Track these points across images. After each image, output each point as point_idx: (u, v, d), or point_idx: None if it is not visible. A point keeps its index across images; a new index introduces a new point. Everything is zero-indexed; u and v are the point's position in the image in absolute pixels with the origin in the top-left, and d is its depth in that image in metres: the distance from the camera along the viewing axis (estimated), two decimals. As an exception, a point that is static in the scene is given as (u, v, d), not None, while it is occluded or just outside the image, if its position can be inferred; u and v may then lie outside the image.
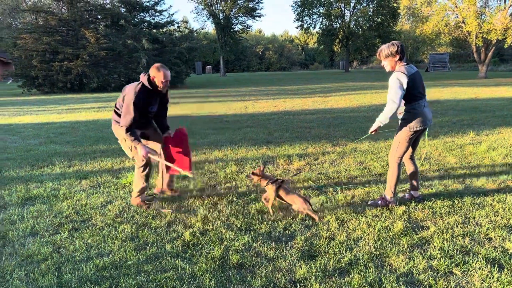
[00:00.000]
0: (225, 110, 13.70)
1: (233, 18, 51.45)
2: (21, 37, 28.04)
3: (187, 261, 3.20)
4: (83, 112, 14.77)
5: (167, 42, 29.76)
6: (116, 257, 3.27)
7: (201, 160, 6.59)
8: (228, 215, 4.13)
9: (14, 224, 4.05)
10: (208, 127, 10.13)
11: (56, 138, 9.21)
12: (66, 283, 2.89)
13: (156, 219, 4.09)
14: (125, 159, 6.85)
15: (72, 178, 5.74)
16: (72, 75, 26.37)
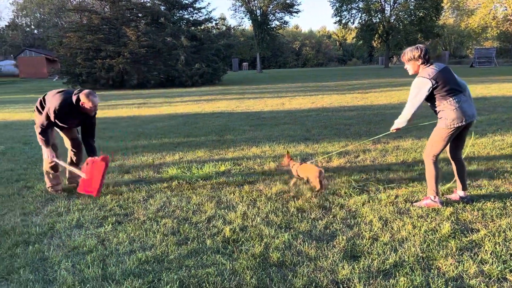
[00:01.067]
0: (262, 107, 13.68)
1: (270, 14, 51.32)
2: (66, 35, 29.22)
3: (228, 257, 3.20)
4: (124, 108, 15.18)
5: (205, 39, 30.09)
6: (158, 251, 3.31)
7: (239, 156, 6.59)
8: (267, 212, 4.10)
9: (61, 216, 4.19)
10: (245, 123, 10.14)
11: (99, 133, 9.38)
12: (110, 275, 2.96)
13: (196, 214, 4.12)
14: (165, 154, 6.97)
15: (115, 172, 5.89)
16: (113, 72, 27.20)
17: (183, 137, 8.59)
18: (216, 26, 34.34)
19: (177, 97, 19.72)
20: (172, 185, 5.15)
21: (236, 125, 9.94)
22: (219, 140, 8.06)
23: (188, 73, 28.18)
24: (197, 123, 10.57)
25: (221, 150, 7.10)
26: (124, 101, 18.45)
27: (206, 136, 8.54)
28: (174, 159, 6.60)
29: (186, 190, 4.92)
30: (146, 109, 14.66)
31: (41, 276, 2.99)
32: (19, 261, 3.22)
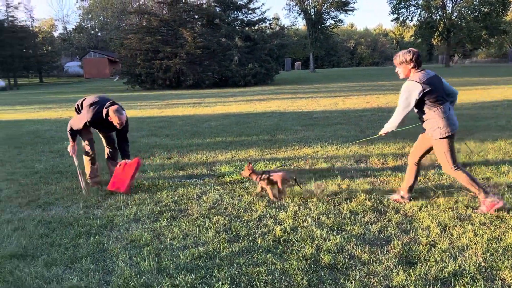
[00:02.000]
0: (314, 107, 13.54)
1: (324, 13, 50.65)
2: (127, 37, 30.62)
3: (278, 257, 3.19)
4: (180, 107, 15.64)
5: (258, 40, 30.30)
6: (210, 248, 3.37)
7: (290, 156, 6.57)
8: (319, 213, 4.05)
9: (120, 210, 4.40)
10: (297, 123, 10.09)
11: (156, 131, 9.87)
12: (164, 269, 3.05)
13: (247, 213, 4.16)
14: (218, 152, 7.10)
15: (170, 169, 6.09)
16: (170, 72, 28.12)
17: (235, 136, 8.70)
18: (270, 26, 34.43)
19: (230, 96, 20.02)
20: (225, 183, 5.23)
21: (288, 125, 9.92)
22: (270, 139, 8.08)
23: (241, 73, 28.51)
24: (249, 122, 10.66)
25: (273, 150, 7.12)
26: (180, 100, 19.01)
27: (258, 136, 8.59)
28: (227, 158, 6.70)
29: (238, 189, 4.97)
30: (200, 108, 15.01)
31: (101, 266, 3.15)
32: (81, 251, 3.41)
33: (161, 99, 20.00)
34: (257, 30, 32.32)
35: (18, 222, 4.14)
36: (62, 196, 4.96)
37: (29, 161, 7.04)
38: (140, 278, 2.92)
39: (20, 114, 15.43)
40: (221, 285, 2.78)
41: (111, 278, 2.95)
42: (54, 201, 4.79)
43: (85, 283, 2.90)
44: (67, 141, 8.72)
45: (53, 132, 10.28)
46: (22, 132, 10.45)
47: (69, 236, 3.73)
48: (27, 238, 3.71)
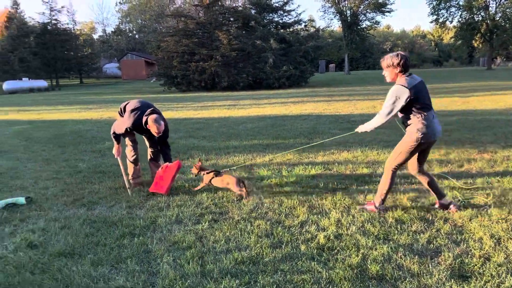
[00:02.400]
0: (351, 110, 13.31)
1: (361, 14, 49.86)
2: (164, 40, 31.24)
3: (323, 265, 3.12)
4: (215, 109, 15.77)
5: (293, 42, 30.17)
6: (253, 253, 3.34)
7: (329, 161, 6.46)
8: (363, 221, 3.94)
9: (162, 211, 4.44)
10: (334, 127, 9.94)
11: (193, 132, 9.97)
12: (208, 272, 3.04)
13: (288, 218, 4.10)
14: (255, 155, 7.08)
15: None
16: (206, 74, 28.44)
17: (271, 139, 8.66)
18: (305, 28, 34.20)
19: (264, 99, 20.01)
20: (264, 187, 5.20)
21: (325, 128, 9.79)
22: (308, 143, 7.98)
23: (275, 75, 28.47)
24: (285, 125, 10.60)
25: (311, 154, 7.03)
26: (215, 102, 19.18)
27: (295, 139, 8.51)
28: (264, 161, 6.67)
29: (278, 193, 4.93)
30: (236, 110, 15.07)
31: (145, 267, 3.18)
32: (126, 252, 3.45)
33: (197, 101, 20.25)
34: (292, 32, 32.19)
35: (64, 220, 4.25)
36: (105, 195, 5.07)
37: (73, 160, 7.25)
38: (185, 281, 2.92)
39: (63, 114, 16.00)
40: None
41: (157, 280, 2.97)
42: (98, 200, 4.90)
43: (131, 284, 2.93)
44: (108, 141, 8.99)
45: (95, 132, 10.58)
46: (65, 132, 10.81)
47: (114, 236, 3.79)
48: (74, 237, 3.80)
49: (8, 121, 14.26)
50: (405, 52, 3.99)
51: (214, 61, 28.08)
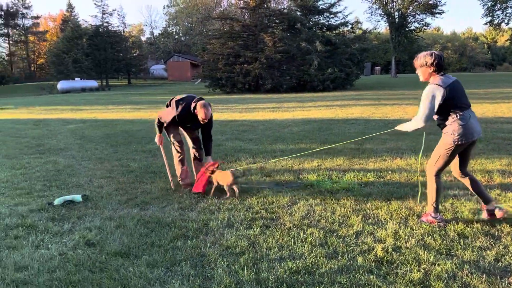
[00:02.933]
0: (401, 115, 12.88)
1: (409, 16, 48.40)
2: (210, 42, 31.73)
3: (382, 279, 2.98)
4: (260, 111, 15.78)
5: (339, 44, 29.74)
6: (308, 262, 3.25)
7: (382, 168, 6.24)
8: (422, 234, 3.75)
9: (213, 214, 4.45)
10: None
11: (239, 135, 10.00)
12: (263, 280, 2.99)
13: (342, 227, 3.98)
14: (303, 160, 6.97)
15: (257, 175, 6.08)
16: (250, 76, 28.62)
17: (319, 143, 8.51)
18: (351, 30, 33.60)
19: (309, 101, 19.82)
20: (314, 193, 5.09)
21: (374, 133, 9.50)
22: (357, 148, 7.78)
23: (320, 77, 28.18)
24: (332, 129, 10.41)
25: (361, 160, 6.83)
26: (259, 104, 19.21)
27: (344, 144, 8.32)
28: (313, 166, 6.55)
29: (329, 200, 4.81)
30: (280, 113, 15.01)
31: (200, 271, 3.17)
32: (180, 254, 3.47)
33: (241, 103, 20.37)
34: (338, 34, 31.74)
35: (119, 219, 4.34)
36: (157, 196, 5.16)
37: (125, 159, 7.46)
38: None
39: (113, 114, 16.58)
40: (325, 305, 2.65)
41: (212, 286, 2.95)
42: (150, 200, 4.99)
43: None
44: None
45: (144, 132, 10.86)
46: (116, 131, 11.18)
47: (167, 237, 3.83)
48: (129, 237, 3.87)
49: (63, 120, 14.95)
50: (439, 52, 3.86)
51: (259, 63, 28.18)
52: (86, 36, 55.55)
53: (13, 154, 8.09)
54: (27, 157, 7.85)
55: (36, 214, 4.58)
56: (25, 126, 12.96)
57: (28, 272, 3.23)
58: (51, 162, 7.33)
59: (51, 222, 4.32)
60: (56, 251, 3.62)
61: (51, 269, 3.28)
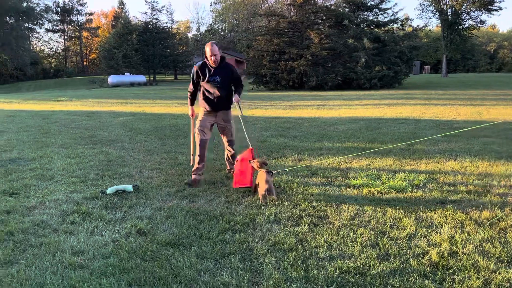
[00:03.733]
0: (453, 115, 12.34)
1: (463, 13, 46.21)
2: (256, 38, 31.80)
3: (438, 285, 2.85)
4: (304, 109, 15.65)
5: (388, 41, 28.91)
6: (358, 263, 3.17)
7: (434, 170, 6.00)
8: (480, 240, 3.56)
9: (260, 209, 4.44)
10: (436, 132, 9.26)
11: (284, 132, 9.96)
12: (313, 279, 2.94)
13: (394, 229, 3.85)
14: (351, 158, 6.83)
15: (303, 172, 6.02)
16: (294, 73, 28.45)
17: (367, 142, 8.31)
18: (401, 27, 32.54)
19: (355, 100, 19.42)
20: (363, 193, 4.97)
21: (426, 133, 9.16)
22: (408, 149, 7.52)
23: (367, 75, 27.54)
24: (380, 128, 10.14)
25: (412, 161, 6.60)
26: (303, 102, 19.05)
27: (393, 144, 8.07)
28: (361, 165, 6.40)
29: (379, 200, 4.67)
30: (325, 110, 14.81)
31: (248, 265, 3.17)
32: (228, 247, 3.49)
33: (285, 100, 20.30)
34: (387, 31, 30.87)
35: (168, 210, 4.43)
36: (205, 189, 5.22)
37: (173, 152, 7.62)
38: (290, 285, 2.85)
39: (161, 108, 17.01)
40: (378, 308, 2.56)
41: (261, 281, 2.94)
42: (198, 193, 5.06)
43: (236, 281, 2.94)
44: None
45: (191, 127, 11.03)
46: (164, 125, 11.45)
47: (216, 230, 3.86)
48: (178, 227, 3.94)
49: (114, 112, 15.52)
50: None
51: (304, 60, 27.95)
52: (136, 32, 57.38)
53: (68, 143, 8.47)
54: (81, 147, 8.20)
55: (90, 202, 4.77)
56: (79, 118, 13.57)
57: (84, 256, 3.36)
58: (103, 153, 7.62)
59: (104, 210, 4.48)
60: (109, 238, 3.74)
61: (105, 255, 3.40)
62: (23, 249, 3.52)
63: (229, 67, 5.60)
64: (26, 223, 4.09)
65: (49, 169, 6.33)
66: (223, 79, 5.51)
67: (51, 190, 5.27)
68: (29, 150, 7.86)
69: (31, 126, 11.25)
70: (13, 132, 10.26)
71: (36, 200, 4.83)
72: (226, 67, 5.56)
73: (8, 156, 7.28)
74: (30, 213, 4.41)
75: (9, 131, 10.36)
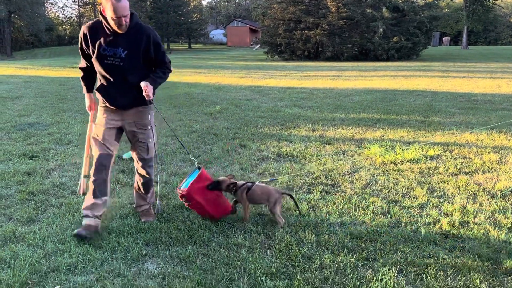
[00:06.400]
0: (472, 88, 12.08)
1: (488, -18, 44.36)
2: (271, 6, 31.16)
3: (448, 253, 2.89)
4: (319, 79, 15.47)
5: (407, 11, 28.05)
6: (369, 229, 3.22)
7: (449, 142, 5.95)
8: (492, 211, 3.57)
9: (273, 176, 4.49)
10: (452, 105, 9.12)
11: (298, 102, 9.91)
12: (324, 243, 3.01)
13: (406, 198, 3.88)
14: (365, 129, 6.81)
15: (317, 142, 6.03)
16: (310, 43, 27.98)
17: (382, 113, 8.24)
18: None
19: (371, 71, 19.10)
20: (376, 163, 4.98)
21: (442, 106, 9.03)
22: (423, 121, 7.45)
23: (384, 46, 26.93)
24: (396, 100, 10.01)
25: (427, 132, 6.55)
26: (318, 72, 18.81)
27: (408, 115, 8.00)
28: (375, 136, 6.38)
29: (392, 171, 4.68)
30: (340, 81, 14.63)
31: (261, 229, 3.24)
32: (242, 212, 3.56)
33: (300, 70, 20.06)
34: (406, 0, 29.89)
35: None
36: (219, 156, 5.29)
37: (187, 120, 7.67)
38: (301, 248, 2.93)
39: (175, 76, 16.98)
40: (387, 272, 2.62)
41: (273, 243, 3.02)
42: (213, 160, 5.13)
43: (249, 243, 3.02)
44: (218, 104, 9.34)
45: (205, 95, 11.06)
46: (178, 93, 11.48)
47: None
48: (193, 192, 4.02)
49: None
50: None
51: (320, 29, 27.41)
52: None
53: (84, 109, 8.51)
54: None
55: (108, 166, 4.87)
56: (94, 85, 13.66)
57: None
58: (119, 119, 7.71)
59: (121, 174, 4.59)
60: (126, 200, 3.86)
61: (123, 216, 3.52)
62: (44, 209, 3.66)
63: (145, 32, 3.14)
64: (46, 184, 4.22)
65: (66, 134, 6.46)
66: (131, 54, 3.12)
67: (69, 154, 5.40)
68: (47, 115, 8.00)
69: (48, 92, 11.39)
70: (31, 97, 10.41)
71: (55, 163, 4.97)
72: (139, 33, 3.12)
73: (27, 121, 7.43)
74: (49, 175, 4.55)
75: (27, 96, 10.51)
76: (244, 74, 17.68)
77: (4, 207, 3.67)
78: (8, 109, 8.62)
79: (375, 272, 2.63)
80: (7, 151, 5.42)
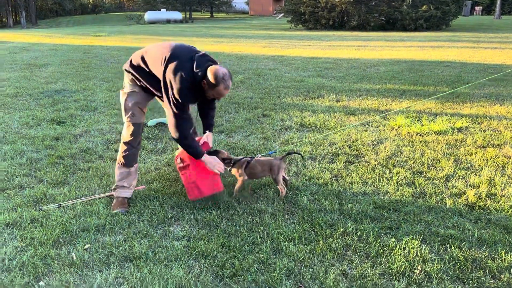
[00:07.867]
0: (504, 60, 11.61)
1: None
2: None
3: (473, 224, 2.86)
4: (344, 49, 15.12)
5: (438, -23, 26.78)
6: (393, 199, 3.21)
7: (478, 114, 5.78)
8: (521, 183, 3.50)
9: (296, 146, 4.49)
10: (482, 77, 8.80)
11: (322, 72, 9.74)
12: (346, 211, 3.02)
13: (431, 169, 3.83)
14: (391, 100, 6.67)
15: (341, 112, 5.96)
16: (335, 12, 27.21)
17: (409, 84, 8.03)
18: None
19: (398, 41, 18.51)
20: (402, 134, 4.90)
21: (472, 77, 8.73)
22: (451, 92, 7.24)
23: (412, 15, 25.92)
24: (423, 70, 9.72)
25: (455, 104, 6.37)
26: (343, 42, 18.36)
27: (436, 86, 7.78)
28: (401, 107, 6.25)
29: (418, 142, 4.60)
30: (366, 51, 14.26)
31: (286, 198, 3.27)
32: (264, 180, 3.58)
33: (324, 40, 19.62)
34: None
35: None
36: (241, 125, 5.29)
37: (210, 89, 7.66)
38: (324, 216, 2.94)
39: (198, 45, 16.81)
40: (411, 241, 2.62)
41: (296, 210, 3.05)
42: (236, 129, 5.14)
43: (272, 209, 3.05)
44: (240, 74, 9.28)
45: (227, 65, 10.98)
46: (201, 62, 11.41)
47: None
48: (216, 159, 4.06)
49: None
50: None
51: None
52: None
53: (109, 77, 8.65)
54: (121, 81, 8.37)
55: (133, 133, 4.94)
56: (118, 53, 13.71)
57: (129, 181, 3.55)
58: (143, 87, 7.76)
59: (146, 141, 4.65)
60: (152, 166, 3.93)
61: (149, 180, 3.59)
62: (73, 172, 3.77)
63: None
64: (73, 149, 4.33)
65: (92, 101, 6.56)
66: None
67: (95, 120, 5.50)
68: (73, 82, 8.12)
69: (73, 60, 11.52)
70: (57, 65, 10.56)
71: (81, 129, 5.07)
72: None
73: (54, 88, 7.56)
74: (77, 141, 4.66)
75: (53, 64, 10.66)
76: (266, 44, 17.43)
77: (35, 170, 3.80)
78: (35, 76, 8.78)
79: (398, 241, 2.64)
80: (36, 117, 5.56)
